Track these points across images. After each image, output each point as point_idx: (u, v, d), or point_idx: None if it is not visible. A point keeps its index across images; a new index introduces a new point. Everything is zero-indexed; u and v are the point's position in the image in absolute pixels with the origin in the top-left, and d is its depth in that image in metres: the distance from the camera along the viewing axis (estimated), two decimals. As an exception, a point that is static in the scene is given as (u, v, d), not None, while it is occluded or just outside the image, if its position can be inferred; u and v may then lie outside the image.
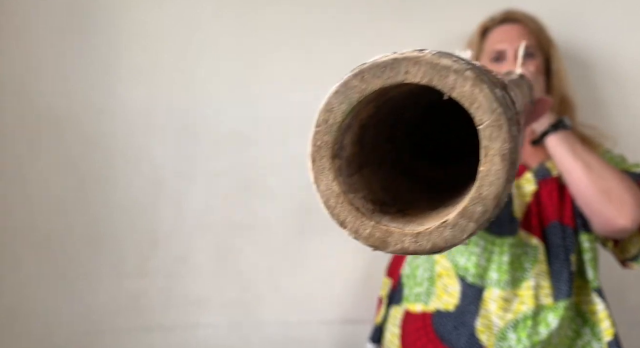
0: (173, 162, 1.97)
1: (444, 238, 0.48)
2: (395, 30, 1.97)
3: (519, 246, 1.46)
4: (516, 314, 1.43)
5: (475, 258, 1.48)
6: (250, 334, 2.02)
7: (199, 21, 1.95)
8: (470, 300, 1.47)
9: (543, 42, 1.61)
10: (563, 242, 1.46)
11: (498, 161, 0.45)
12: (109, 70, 1.94)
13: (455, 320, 1.47)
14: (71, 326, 1.96)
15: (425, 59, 0.45)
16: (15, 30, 1.91)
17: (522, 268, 1.45)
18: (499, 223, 1.47)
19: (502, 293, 1.44)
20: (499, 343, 1.43)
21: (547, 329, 1.40)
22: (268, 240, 2.01)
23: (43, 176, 1.93)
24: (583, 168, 1.35)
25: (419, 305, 1.56)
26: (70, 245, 1.96)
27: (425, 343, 1.51)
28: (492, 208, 0.47)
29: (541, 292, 1.43)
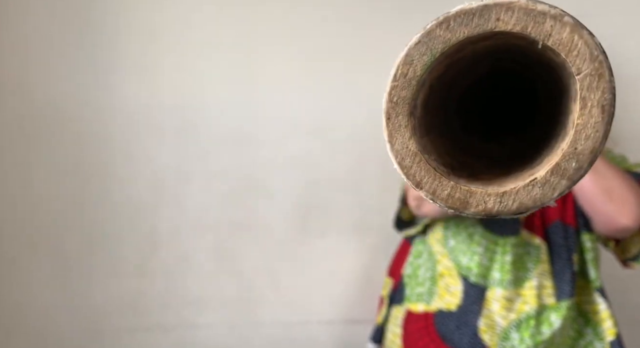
0: (173, 162, 1.95)
1: (533, 197, 0.45)
2: (397, 30, 1.96)
3: (521, 246, 1.46)
4: (519, 314, 1.42)
5: (477, 258, 1.47)
6: (249, 334, 2.00)
7: (199, 21, 1.94)
8: (473, 300, 1.46)
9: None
10: (565, 241, 1.45)
11: (597, 113, 0.42)
12: (109, 69, 1.92)
13: (458, 319, 1.46)
14: (71, 325, 1.94)
15: (519, 4, 0.42)
16: (15, 30, 1.88)
17: (524, 268, 1.45)
18: (501, 223, 1.46)
19: (505, 293, 1.43)
20: (501, 343, 1.41)
21: (549, 329, 1.39)
22: (267, 240, 1.99)
23: (43, 176, 1.91)
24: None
25: (420, 304, 1.55)
26: (70, 245, 1.93)
27: (427, 343, 1.49)
28: (586, 165, 0.43)
29: (544, 291, 1.42)
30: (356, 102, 1.89)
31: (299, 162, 1.96)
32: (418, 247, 1.62)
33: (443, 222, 1.55)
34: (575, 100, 0.43)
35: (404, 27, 1.94)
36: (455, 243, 1.51)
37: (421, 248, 1.60)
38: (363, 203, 1.97)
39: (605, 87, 0.41)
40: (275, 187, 1.98)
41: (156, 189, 1.95)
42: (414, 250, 1.62)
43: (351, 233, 1.99)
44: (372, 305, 1.99)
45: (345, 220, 1.99)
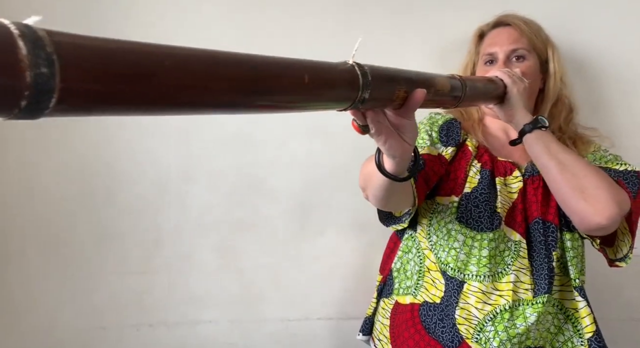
0: (176, 162, 1.94)
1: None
2: (396, 32, 1.97)
3: (500, 241, 1.46)
4: (494, 307, 1.42)
5: (454, 253, 1.48)
6: (251, 330, 1.99)
7: (201, 22, 1.93)
8: (452, 293, 1.47)
9: (537, 44, 1.61)
10: (545, 238, 1.45)
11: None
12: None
13: (441, 312, 1.48)
14: (76, 322, 1.92)
15: None
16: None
17: (503, 263, 1.45)
18: (479, 218, 1.47)
19: (481, 286, 1.44)
20: (477, 335, 1.43)
21: (524, 323, 1.40)
22: (268, 238, 1.99)
23: (48, 176, 1.88)
24: (557, 166, 1.34)
25: (408, 297, 1.57)
26: (75, 244, 1.91)
27: (412, 333, 1.52)
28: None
29: (521, 286, 1.43)
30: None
31: (300, 162, 1.96)
32: (407, 242, 1.63)
33: (427, 218, 1.55)
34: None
35: (403, 28, 1.96)
36: (437, 238, 1.52)
37: (410, 243, 1.61)
38: (362, 202, 1.95)
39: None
40: (276, 186, 1.98)
41: (160, 189, 1.94)
42: (403, 246, 1.63)
43: (350, 231, 1.99)
44: (369, 302, 1.99)
45: (344, 219, 1.98)
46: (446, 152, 1.53)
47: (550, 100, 1.60)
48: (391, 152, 1.00)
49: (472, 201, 1.48)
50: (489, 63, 1.62)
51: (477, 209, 1.47)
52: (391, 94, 0.87)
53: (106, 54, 0.49)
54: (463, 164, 1.53)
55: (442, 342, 1.46)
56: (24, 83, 0.42)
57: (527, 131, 1.39)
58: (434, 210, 1.54)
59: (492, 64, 1.61)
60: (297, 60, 0.69)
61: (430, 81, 0.99)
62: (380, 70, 0.84)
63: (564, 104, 1.62)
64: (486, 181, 1.49)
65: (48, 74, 0.43)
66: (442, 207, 1.52)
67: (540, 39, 1.62)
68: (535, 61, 1.60)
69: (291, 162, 1.96)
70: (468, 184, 1.50)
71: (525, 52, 1.58)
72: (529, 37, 1.59)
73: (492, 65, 1.61)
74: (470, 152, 1.54)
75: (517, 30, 1.60)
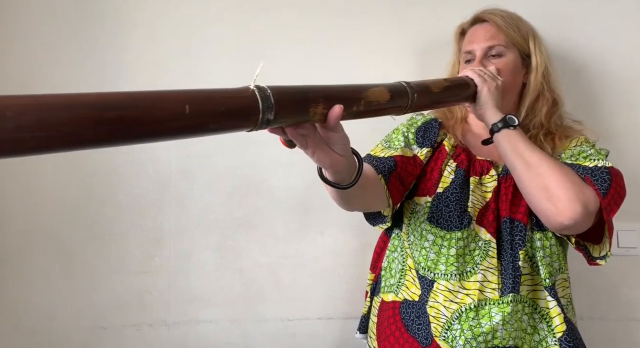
0: (176, 162, 1.93)
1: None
2: (395, 33, 1.96)
3: (470, 240, 1.46)
4: (460, 305, 1.42)
5: (425, 252, 1.49)
6: (250, 330, 1.98)
7: (202, 23, 1.92)
8: (425, 292, 1.47)
9: (517, 38, 1.58)
10: (511, 237, 1.44)
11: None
12: (113, 70, 1.90)
13: (418, 310, 1.48)
14: (77, 322, 1.92)
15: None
16: (21, 32, 1.86)
17: (472, 262, 1.44)
18: (449, 218, 1.47)
19: (448, 284, 1.44)
20: (444, 333, 1.42)
21: (489, 322, 1.39)
22: (268, 238, 1.98)
23: (49, 176, 1.88)
24: (522, 166, 1.33)
25: (391, 295, 1.57)
26: (76, 244, 1.91)
27: (393, 330, 1.52)
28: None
29: (488, 285, 1.42)
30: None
31: (300, 162, 1.95)
32: (394, 241, 1.63)
33: (407, 218, 1.57)
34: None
35: (402, 29, 1.95)
36: (413, 238, 1.53)
37: (397, 242, 1.61)
38: (361, 202, 1.96)
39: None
40: (276, 186, 1.97)
41: (160, 188, 1.94)
42: (390, 245, 1.64)
43: (350, 231, 1.98)
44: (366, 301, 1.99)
45: (344, 219, 1.97)
46: (421, 152, 1.54)
47: (531, 95, 1.58)
48: (320, 163, 1.04)
49: (443, 201, 1.49)
50: (467, 61, 1.62)
51: (448, 209, 1.47)
52: (305, 112, 0.91)
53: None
54: (439, 164, 1.54)
55: (418, 340, 1.46)
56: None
57: (495, 130, 1.39)
58: (412, 210, 1.55)
59: (470, 62, 1.60)
60: (178, 92, 0.74)
61: (359, 94, 1.02)
62: (287, 91, 0.87)
63: (546, 99, 1.58)
64: (459, 180, 1.49)
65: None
66: (419, 207, 1.53)
67: (519, 33, 1.59)
68: (515, 56, 1.58)
69: (291, 162, 1.95)
70: (441, 184, 1.51)
71: (503, 49, 1.56)
72: (507, 32, 1.57)
73: (471, 63, 1.60)
74: (446, 151, 1.55)
75: (494, 26, 1.58)
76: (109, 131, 0.65)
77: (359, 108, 1.02)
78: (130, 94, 0.69)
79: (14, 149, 0.57)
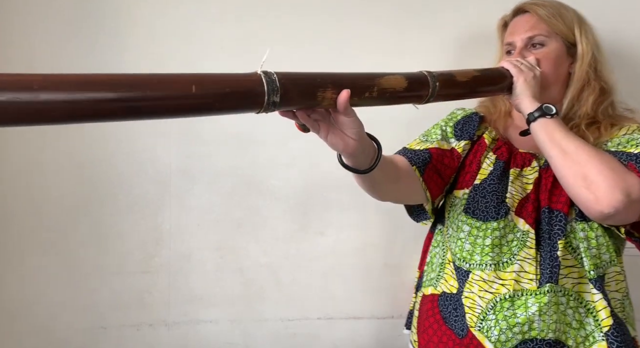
0: (176, 162, 1.92)
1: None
2: (395, 33, 1.95)
3: (508, 231, 1.44)
4: (495, 295, 1.41)
5: (460, 243, 1.50)
6: (251, 330, 1.98)
7: (202, 23, 1.91)
8: (461, 283, 1.48)
9: (560, 27, 1.54)
10: (550, 227, 1.42)
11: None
12: (113, 71, 1.89)
13: (455, 302, 1.48)
14: (77, 322, 1.91)
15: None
16: (20, 31, 1.85)
17: (509, 253, 1.43)
18: (485, 209, 1.47)
19: (483, 275, 1.44)
20: (479, 324, 1.42)
21: (524, 313, 1.37)
22: (269, 238, 1.98)
23: (49, 176, 1.87)
24: (559, 154, 1.30)
25: (430, 288, 1.58)
26: (76, 244, 1.90)
27: (432, 323, 1.53)
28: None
29: (525, 276, 1.40)
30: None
31: (300, 162, 1.95)
32: (437, 237, 1.65)
33: (447, 212, 1.59)
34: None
35: (401, 30, 1.95)
36: (452, 231, 1.55)
37: (439, 238, 1.63)
38: (362, 202, 1.96)
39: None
40: (276, 186, 1.97)
41: (160, 188, 1.93)
42: (433, 240, 1.66)
43: (350, 231, 1.98)
44: (370, 301, 1.99)
45: (344, 219, 1.97)
46: (459, 145, 1.56)
47: (576, 84, 1.54)
48: (333, 146, 1.13)
49: (480, 192, 1.49)
50: (509, 53, 1.60)
51: (484, 200, 1.47)
52: (313, 96, 1.00)
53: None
54: (478, 157, 1.55)
55: (454, 331, 1.46)
56: None
57: (531, 120, 1.37)
58: (452, 203, 1.57)
59: (511, 54, 1.59)
60: (186, 74, 0.86)
61: (371, 81, 1.09)
62: (293, 75, 0.97)
63: (592, 87, 1.53)
64: (497, 172, 1.50)
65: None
66: (457, 200, 1.55)
67: (563, 22, 1.55)
68: (558, 46, 1.54)
69: (291, 162, 1.95)
70: (479, 176, 1.52)
71: (544, 38, 1.53)
72: (548, 22, 1.54)
73: (511, 54, 1.58)
74: (486, 144, 1.56)
75: (535, 17, 1.55)
76: (121, 106, 0.79)
77: (372, 94, 1.09)
78: (141, 75, 0.83)
79: (40, 117, 0.72)
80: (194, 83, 0.85)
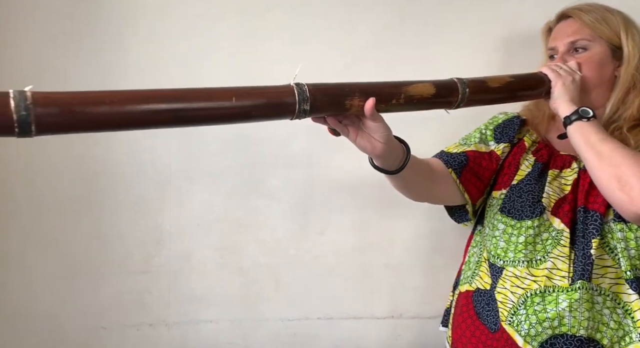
0: (176, 162, 1.92)
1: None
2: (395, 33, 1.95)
3: (543, 229, 1.46)
4: (526, 291, 1.43)
5: (495, 241, 1.53)
6: (251, 330, 1.98)
7: (202, 24, 1.91)
8: (494, 279, 1.51)
9: (605, 31, 1.54)
10: (585, 226, 1.42)
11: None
12: (113, 71, 1.88)
13: (488, 297, 1.51)
14: (77, 322, 1.92)
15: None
16: (21, 32, 1.85)
17: (543, 251, 1.45)
18: (520, 208, 1.50)
19: (515, 271, 1.47)
20: (510, 318, 1.44)
21: (554, 308, 1.38)
22: (269, 238, 1.97)
23: (49, 176, 1.87)
24: (594, 156, 1.31)
25: (465, 285, 1.63)
26: (76, 244, 1.90)
27: (465, 318, 1.57)
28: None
29: (557, 273, 1.41)
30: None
31: (300, 162, 1.94)
32: (476, 237, 1.69)
33: (486, 212, 1.64)
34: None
35: (401, 29, 1.94)
36: (488, 230, 1.59)
37: (478, 238, 1.67)
38: (362, 202, 1.96)
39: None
40: (276, 186, 1.96)
41: (160, 189, 1.93)
42: (473, 241, 1.71)
43: (350, 231, 1.98)
44: (370, 301, 1.99)
45: (344, 219, 1.97)
46: (498, 148, 1.62)
47: (621, 87, 1.53)
48: (361, 149, 1.25)
49: (516, 192, 1.53)
50: (552, 57, 1.63)
51: (520, 199, 1.51)
52: (341, 104, 1.14)
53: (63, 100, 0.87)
54: (517, 158, 1.58)
55: (487, 326, 1.49)
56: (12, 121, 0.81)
57: (567, 123, 1.39)
58: (490, 204, 1.62)
59: (554, 59, 1.60)
60: (227, 87, 1.02)
61: (398, 89, 1.21)
62: (322, 86, 1.12)
63: (639, 90, 1.53)
64: (535, 173, 1.53)
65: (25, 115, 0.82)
66: (494, 201, 1.59)
67: (607, 26, 1.55)
68: (603, 49, 1.54)
69: (291, 162, 1.95)
70: (516, 177, 1.55)
71: (586, 43, 1.54)
72: (592, 26, 1.54)
73: (554, 59, 1.60)
74: (525, 147, 1.60)
75: (578, 21, 1.56)
76: (172, 116, 0.97)
77: (399, 101, 1.20)
78: (188, 89, 0.99)
79: (107, 125, 0.92)
80: (234, 94, 1.01)
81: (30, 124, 0.83)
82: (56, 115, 0.85)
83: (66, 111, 0.86)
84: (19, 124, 0.82)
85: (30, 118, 0.82)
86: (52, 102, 0.85)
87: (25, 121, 0.83)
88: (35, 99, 0.83)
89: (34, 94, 0.83)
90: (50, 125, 0.86)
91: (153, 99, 0.94)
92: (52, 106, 0.85)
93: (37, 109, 0.83)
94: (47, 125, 0.85)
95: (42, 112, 0.83)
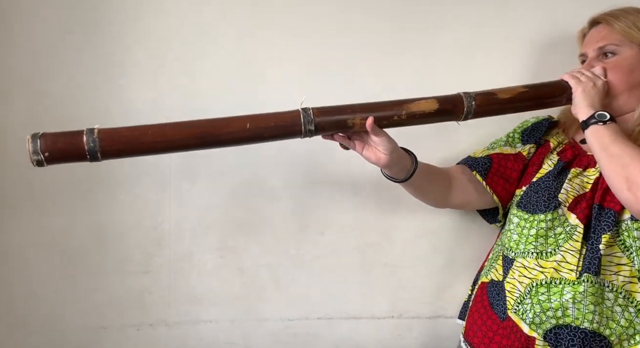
0: (176, 162, 1.91)
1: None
2: (395, 33, 1.95)
3: (557, 224, 1.49)
4: (533, 280, 1.48)
5: (509, 234, 1.60)
6: (251, 330, 1.99)
7: (202, 24, 1.89)
8: (505, 270, 1.58)
9: (634, 36, 1.55)
10: (598, 222, 1.44)
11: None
12: (114, 71, 1.86)
13: (499, 288, 1.58)
14: (77, 322, 1.91)
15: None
16: (21, 33, 1.82)
17: (555, 244, 1.48)
18: (535, 202, 1.54)
19: (524, 262, 1.52)
20: (516, 306, 1.49)
21: (558, 299, 1.41)
22: (269, 238, 1.98)
23: (48, 176, 1.85)
24: (606, 158, 1.34)
25: (483, 278, 1.71)
26: (76, 244, 1.89)
27: (479, 308, 1.65)
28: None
29: (565, 266, 1.44)
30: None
31: (300, 162, 1.95)
32: (501, 236, 1.74)
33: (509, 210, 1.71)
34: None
35: (401, 30, 1.95)
36: (507, 226, 1.66)
37: (503, 236, 1.70)
38: (362, 202, 1.97)
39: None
40: (276, 186, 1.96)
41: (160, 188, 1.92)
42: (498, 239, 1.76)
43: (350, 231, 1.99)
44: (370, 301, 2.00)
45: (344, 219, 1.98)
46: (524, 149, 1.70)
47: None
48: (368, 160, 1.43)
49: (534, 188, 1.58)
50: (583, 62, 1.66)
51: (536, 195, 1.55)
52: (343, 123, 1.34)
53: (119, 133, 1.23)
54: (541, 158, 1.64)
55: (497, 314, 1.55)
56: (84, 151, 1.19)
57: (584, 128, 1.43)
58: (513, 202, 1.68)
59: (584, 63, 1.64)
60: (242, 116, 1.29)
61: (399, 106, 1.36)
62: (325, 109, 1.33)
63: None
64: (555, 171, 1.57)
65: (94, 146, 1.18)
66: (515, 198, 1.65)
67: (638, 29, 1.56)
68: (633, 53, 1.55)
69: (291, 162, 1.95)
70: (537, 174, 1.60)
71: (615, 47, 1.56)
72: (621, 30, 1.56)
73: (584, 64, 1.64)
74: (550, 147, 1.65)
75: (607, 27, 1.59)
76: (200, 141, 1.26)
77: (401, 117, 1.36)
78: (211, 119, 1.27)
79: (151, 150, 1.26)
80: (248, 121, 1.27)
81: (97, 152, 1.17)
82: (115, 145, 1.20)
83: (122, 142, 1.21)
84: (89, 153, 1.17)
85: (96, 148, 1.17)
86: (112, 137, 1.19)
87: (93, 150, 1.17)
88: (100, 134, 1.18)
89: (100, 131, 1.17)
90: (111, 152, 1.20)
91: (184, 130, 1.24)
92: (112, 139, 1.19)
93: (102, 142, 1.17)
94: (109, 153, 1.20)
95: (105, 144, 1.18)
